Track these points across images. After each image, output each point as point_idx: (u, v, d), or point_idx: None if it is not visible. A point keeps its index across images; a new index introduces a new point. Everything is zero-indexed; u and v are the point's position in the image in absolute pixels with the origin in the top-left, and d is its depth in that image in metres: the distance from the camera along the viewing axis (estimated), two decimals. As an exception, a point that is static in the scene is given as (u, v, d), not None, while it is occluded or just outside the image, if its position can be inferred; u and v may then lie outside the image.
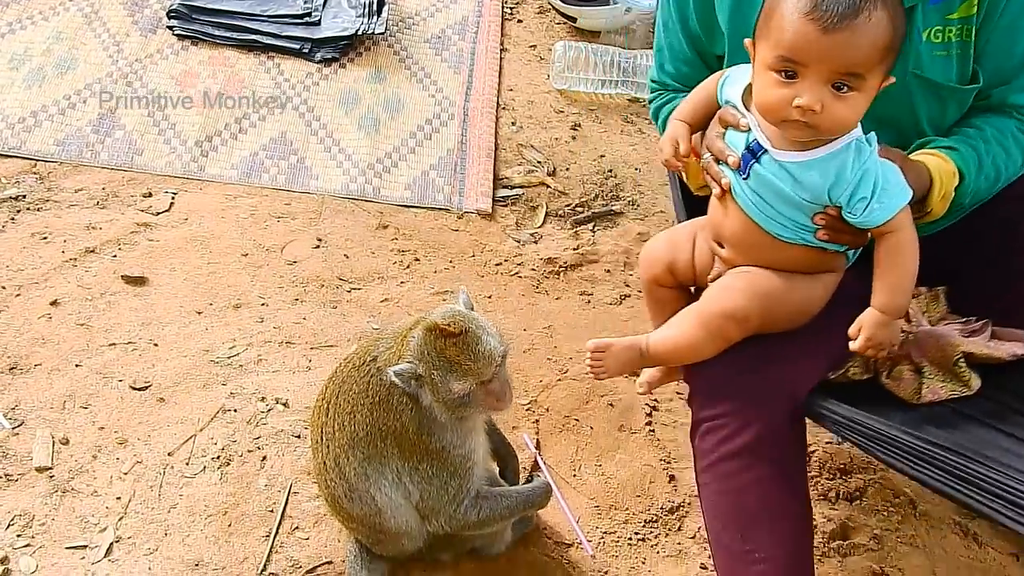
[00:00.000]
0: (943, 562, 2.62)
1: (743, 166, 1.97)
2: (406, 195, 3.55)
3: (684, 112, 2.15)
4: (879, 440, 1.95)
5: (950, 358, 2.05)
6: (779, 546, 2.07)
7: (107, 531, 2.46)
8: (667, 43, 2.38)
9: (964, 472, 1.83)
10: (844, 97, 1.81)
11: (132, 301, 3.02)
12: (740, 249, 2.07)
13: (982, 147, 2.08)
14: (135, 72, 3.83)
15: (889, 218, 1.90)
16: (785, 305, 2.04)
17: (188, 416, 2.73)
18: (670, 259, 2.23)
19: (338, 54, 4.02)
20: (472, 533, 2.35)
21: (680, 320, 2.09)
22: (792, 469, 2.10)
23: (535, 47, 4.34)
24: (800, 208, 1.95)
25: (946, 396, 2.04)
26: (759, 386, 2.03)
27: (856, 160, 1.89)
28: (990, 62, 2.09)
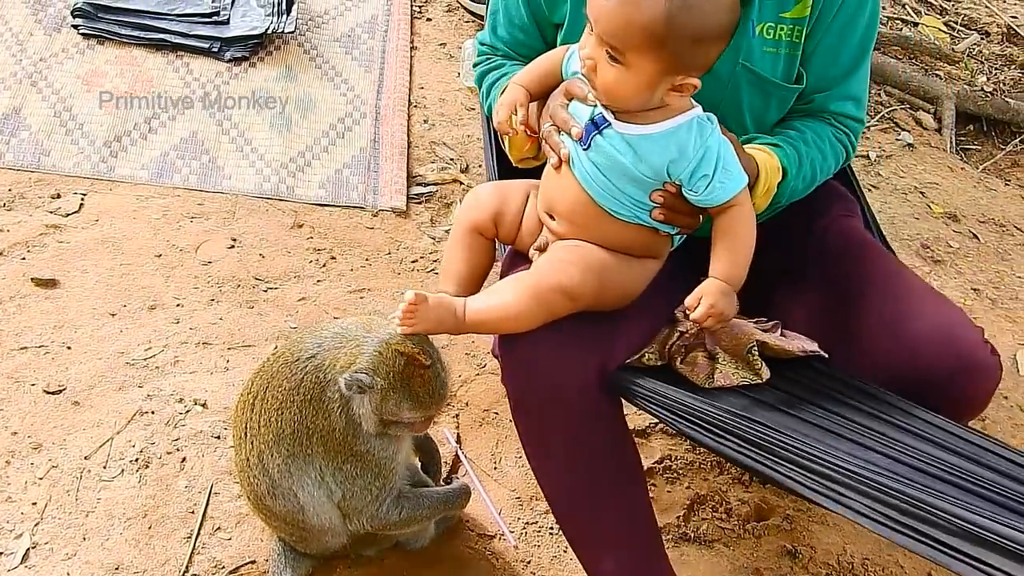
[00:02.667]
0: (853, 538, 2.72)
1: (585, 137, 1.96)
2: (320, 194, 3.55)
3: (525, 79, 2.12)
4: (680, 411, 1.96)
5: (744, 346, 2.07)
6: (618, 523, 2.15)
7: (23, 537, 2.43)
8: (503, 6, 2.34)
9: (762, 439, 1.85)
10: (613, 66, 1.84)
11: (43, 304, 2.98)
12: (571, 223, 2.04)
13: (802, 148, 2.15)
14: (39, 72, 3.76)
15: (729, 198, 1.94)
16: (614, 285, 2.03)
17: (104, 419, 2.70)
18: (498, 209, 2.18)
19: (248, 53, 3.99)
20: (392, 532, 2.37)
21: (504, 289, 2.01)
22: (612, 441, 2.14)
23: (445, 45, 4.36)
24: (638, 183, 1.96)
25: (737, 382, 2.04)
26: (572, 363, 2.01)
27: (699, 136, 1.91)
28: (816, 67, 2.16)
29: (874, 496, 1.70)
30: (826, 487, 1.76)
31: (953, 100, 4.63)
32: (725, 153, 1.93)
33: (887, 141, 4.45)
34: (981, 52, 5.12)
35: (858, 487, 1.72)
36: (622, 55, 1.82)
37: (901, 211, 4.04)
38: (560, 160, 2.01)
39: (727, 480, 2.81)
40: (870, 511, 1.70)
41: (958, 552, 1.59)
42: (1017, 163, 4.55)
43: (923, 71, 4.88)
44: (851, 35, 2.15)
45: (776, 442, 1.83)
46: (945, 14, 5.38)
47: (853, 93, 2.23)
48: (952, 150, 4.50)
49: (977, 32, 5.26)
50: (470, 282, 2.19)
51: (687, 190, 1.94)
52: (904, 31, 5.12)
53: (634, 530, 2.22)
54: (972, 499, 1.73)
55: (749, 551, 2.65)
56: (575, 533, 2.28)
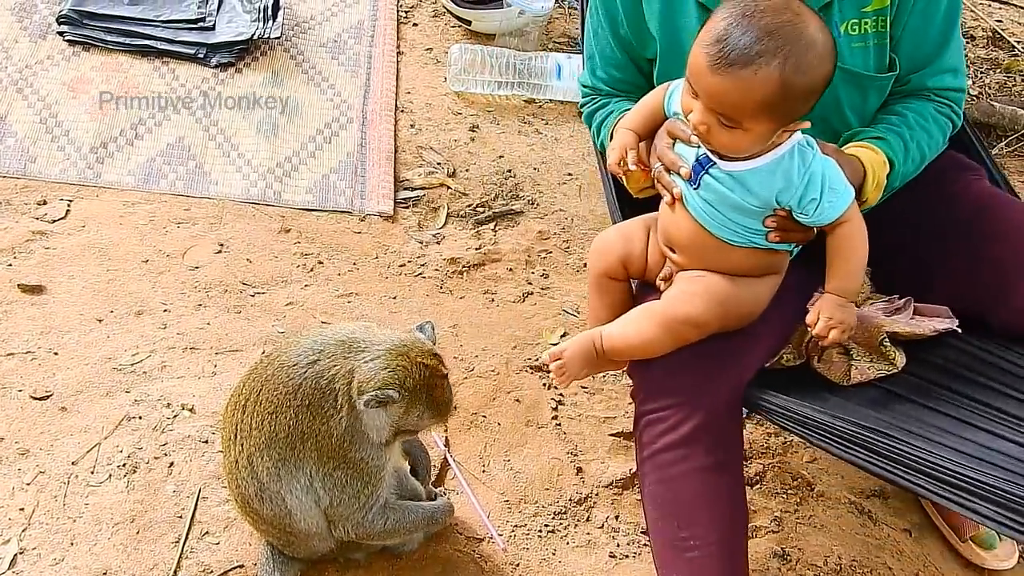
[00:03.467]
0: (841, 540, 2.72)
1: (694, 177, 2.04)
2: (307, 199, 3.55)
3: (632, 122, 2.21)
4: (812, 426, 2.05)
5: (876, 338, 2.15)
6: (713, 533, 2.14)
7: (10, 543, 2.42)
8: (598, 49, 2.43)
9: (892, 452, 1.93)
10: (729, 130, 1.91)
11: (29, 310, 2.97)
12: (691, 254, 2.13)
13: (906, 133, 2.19)
14: (25, 78, 3.76)
15: (839, 215, 2.00)
16: (737, 309, 2.12)
17: (92, 424, 2.70)
18: (624, 252, 2.27)
19: (234, 59, 3.98)
20: (374, 542, 2.37)
21: (638, 319, 2.13)
22: (729, 460, 2.17)
23: (431, 50, 4.36)
24: (749, 214, 2.03)
25: (874, 376, 2.14)
26: (700, 380, 2.11)
27: (801, 163, 1.97)
28: (906, 49, 2.21)
29: (1001, 503, 1.78)
30: (955, 495, 1.85)
31: (938, 103, 4.64)
32: (830, 173, 1.99)
33: (873, 144, 4.46)
34: (966, 56, 5.14)
35: (983, 494, 1.81)
36: (737, 123, 1.89)
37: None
38: (674, 199, 2.10)
39: (715, 482, 2.81)
40: (999, 516, 1.79)
41: None
42: (1003, 166, 4.56)
43: (909, 75, 4.89)
44: (935, 11, 2.19)
45: (902, 453, 1.92)
46: (930, 18, 5.39)
47: (948, 65, 2.27)
48: (938, 153, 4.51)
49: (963, 36, 5.28)
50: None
51: (797, 213, 2.01)
52: (889, 35, 5.13)
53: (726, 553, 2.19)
54: None
55: (738, 552, 2.65)
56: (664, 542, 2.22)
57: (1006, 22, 5.29)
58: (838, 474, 2.87)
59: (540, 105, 4.13)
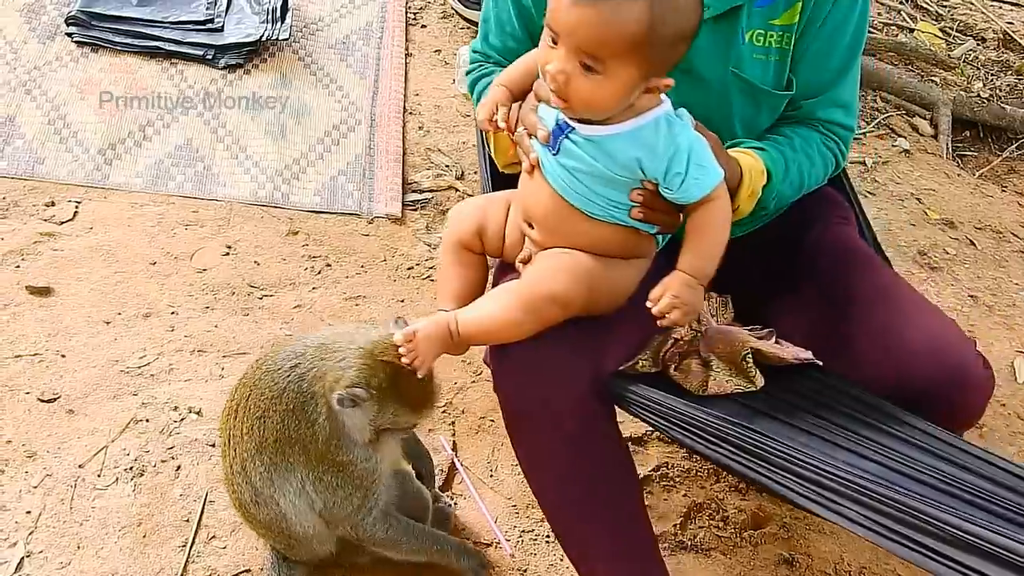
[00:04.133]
0: (850, 546, 2.71)
1: (553, 140, 1.92)
2: (315, 201, 3.54)
3: (507, 78, 2.08)
4: (674, 419, 1.95)
5: (738, 353, 2.06)
6: (614, 533, 2.15)
7: (17, 546, 2.42)
8: (495, 14, 2.32)
9: (756, 446, 1.83)
10: (589, 77, 1.79)
11: (37, 312, 2.97)
12: (550, 229, 2.01)
13: (789, 153, 2.14)
14: (34, 80, 3.76)
15: (705, 194, 1.90)
16: (603, 289, 2.00)
17: (99, 427, 2.69)
18: (480, 223, 2.15)
19: (242, 60, 3.98)
20: (379, 550, 2.36)
21: (496, 300, 2.01)
22: (607, 449, 2.12)
23: (440, 52, 4.36)
24: (612, 184, 1.92)
25: (731, 390, 2.04)
26: (565, 370, 2.00)
27: (668, 134, 1.87)
28: (805, 73, 2.16)
29: (868, 504, 1.69)
30: (820, 494, 1.75)
31: (949, 106, 4.63)
32: (698, 149, 1.89)
33: (883, 147, 4.45)
34: (977, 58, 5.13)
35: (852, 495, 1.71)
36: (601, 64, 1.77)
37: (898, 217, 4.04)
38: (531, 164, 1.99)
39: (724, 488, 2.80)
40: (864, 519, 1.69)
41: (951, 560, 1.58)
42: (1014, 169, 4.54)
43: (919, 77, 4.88)
44: (839, 41, 2.15)
45: (770, 449, 1.82)
46: (941, 20, 5.38)
47: (842, 100, 2.23)
48: (948, 156, 4.50)
49: (973, 38, 5.26)
50: (466, 297, 2.14)
51: (663, 187, 1.91)
52: (900, 37, 5.12)
53: (630, 540, 2.21)
54: (966, 508, 1.72)
55: (746, 559, 2.64)
56: (570, 543, 2.27)
57: (1017, 24, 5.27)
58: (847, 480, 2.86)
59: (549, 107, 4.11)
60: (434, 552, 2.37)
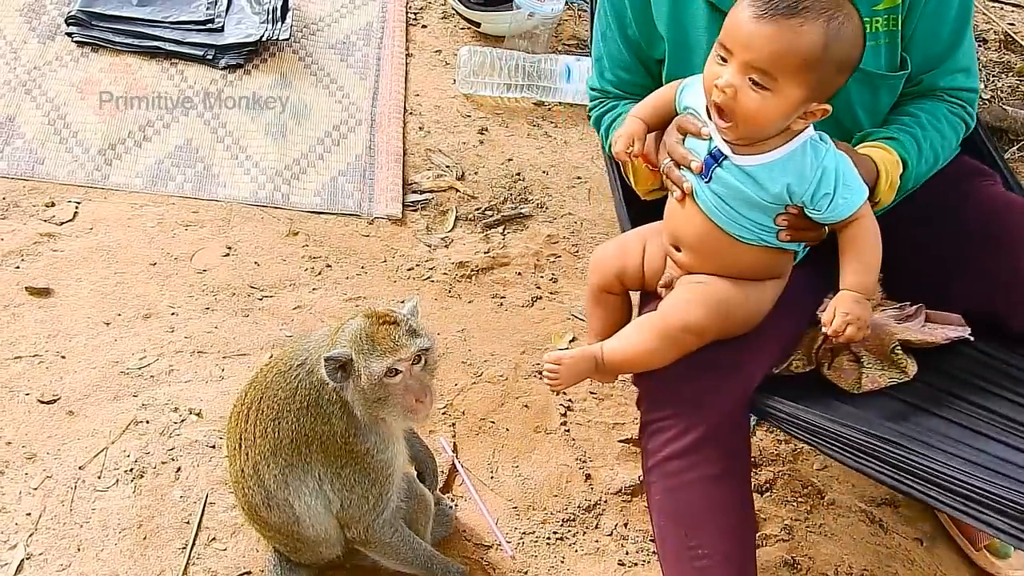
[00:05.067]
0: (852, 549, 2.71)
1: (706, 170, 2.02)
2: (316, 201, 3.54)
3: (642, 111, 2.18)
4: (822, 435, 2.03)
5: (887, 346, 2.14)
6: (722, 542, 2.14)
7: (17, 548, 2.42)
8: (606, 51, 2.42)
9: (903, 462, 1.91)
10: (758, 92, 1.87)
11: (37, 313, 2.96)
12: (698, 252, 2.11)
13: (919, 133, 2.18)
14: (33, 80, 3.75)
15: (853, 212, 1.98)
16: (738, 315, 2.10)
17: (99, 429, 2.69)
18: (620, 266, 2.27)
19: (242, 60, 3.97)
20: (376, 556, 2.35)
21: (636, 331, 2.13)
22: (736, 467, 2.16)
23: (440, 52, 4.35)
24: (762, 209, 2.01)
25: (885, 384, 2.12)
26: (705, 387, 2.09)
27: (813, 158, 1.96)
28: (917, 49, 2.20)
29: (1010, 515, 1.77)
30: (965, 505, 1.84)
31: (950, 107, 4.61)
32: (843, 169, 1.97)
33: (884, 148, 4.44)
34: (979, 59, 5.12)
35: (994, 506, 1.79)
36: (772, 81, 1.86)
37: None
38: (683, 194, 2.08)
39: (725, 489, 2.80)
40: (1011, 528, 1.78)
41: None
42: (1015, 171, 4.53)
43: (920, 78, 4.87)
44: (946, 10, 2.18)
45: (914, 463, 1.90)
46: (941, 21, 5.37)
47: (961, 65, 2.26)
48: (949, 157, 4.49)
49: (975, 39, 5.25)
50: (615, 331, 2.24)
51: (810, 210, 1.99)
52: (900, 38, 5.10)
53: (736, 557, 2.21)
54: None
55: (748, 561, 2.64)
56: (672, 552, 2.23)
57: (1019, 25, 5.26)
58: (849, 482, 2.85)
59: (549, 108, 4.12)
60: (424, 566, 2.37)
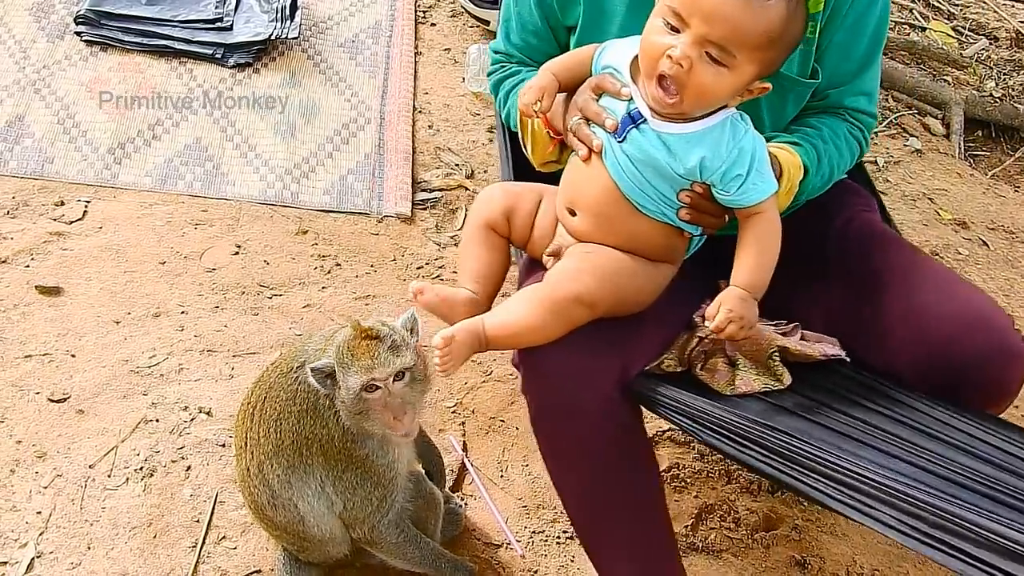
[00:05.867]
0: (863, 549, 2.69)
1: (620, 130, 1.95)
2: (325, 200, 3.53)
3: (555, 67, 2.09)
4: (701, 420, 1.94)
5: (764, 351, 2.07)
6: (628, 527, 2.14)
7: (28, 546, 2.41)
8: (516, 12, 2.35)
9: (785, 449, 1.82)
10: (713, 67, 1.83)
11: (47, 312, 2.96)
12: (595, 216, 2.02)
13: (820, 145, 2.16)
14: (43, 79, 3.75)
15: (761, 200, 1.94)
16: (629, 291, 2.02)
17: (109, 427, 2.69)
18: (510, 206, 2.16)
19: (251, 59, 3.98)
20: (383, 556, 2.35)
21: (521, 303, 1.99)
22: (632, 450, 2.12)
23: (449, 50, 4.35)
24: (669, 180, 1.95)
25: (759, 389, 2.03)
26: (591, 372, 2.00)
27: (732, 136, 1.91)
28: (830, 62, 2.17)
29: (900, 507, 1.68)
30: (851, 498, 1.74)
31: (961, 105, 4.61)
32: (760, 154, 1.93)
33: (895, 147, 4.43)
34: (990, 57, 5.11)
35: (884, 498, 1.70)
36: (731, 57, 1.82)
37: (909, 217, 4.02)
38: (590, 151, 2.00)
39: (735, 489, 2.79)
40: (897, 522, 1.68)
41: (986, 564, 1.56)
42: None
43: (931, 76, 4.86)
44: (863, 30, 2.16)
45: (800, 451, 1.81)
46: (953, 19, 5.36)
47: (866, 88, 2.25)
48: (961, 156, 4.48)
49: (985, 37, 5.24)
50: (488, 280, 2.16)
51: (718, 190, 1.94)
52: (912, 36, 5.10)
53: (651, 540, 2.21)
54: (1001, 509, 1.70)
55: (757, 561, 2.63)
56: (592, 543, 2.26)
57: (1030, 23, 5.25)
58: (860, 481, 2.84)
59: (559, 106, 4.10)
60: (432, 565, 2.36)
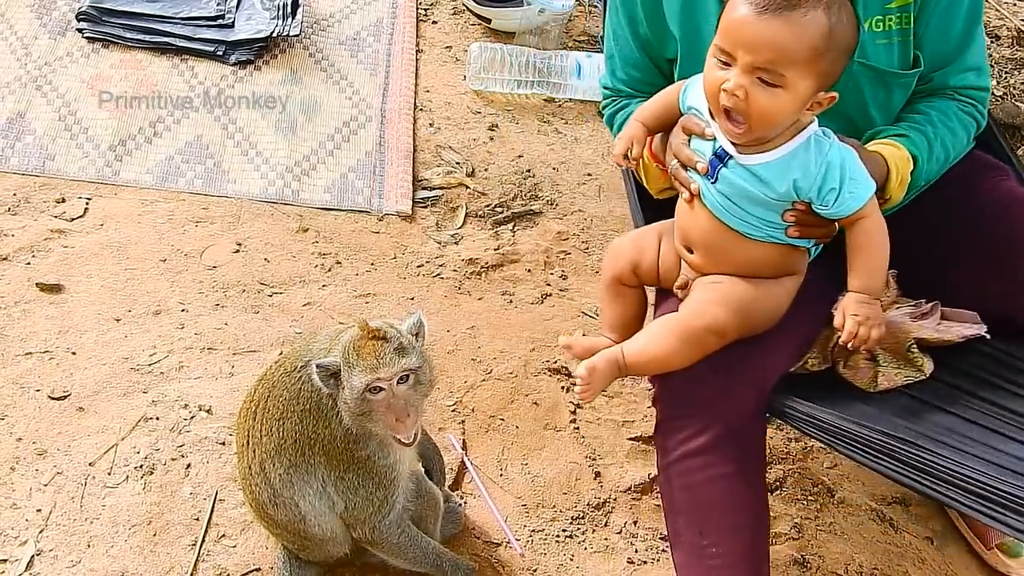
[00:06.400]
0: (862, 548, 2.70)
1: (711, 171, 2.02)
2: (325, 198, 3.54)
3: (643, 115, 2.19)
4: (838, 435, 2.03)
5: (903, 344, 2.12)
6: (735, 542, 2.13)
7: (27, 544, 2.42)
8: (618, 50, 2.43)
9: (919, 462, 1.91)
10: (768, 90, 1.86)
11: (48, 309, 2.96)
12: (709, 252, 2.11)
13: (930, 131, 2.17)
14: (44, 76, 3.76)
15: (861, 206, 1.97)
16: (758, 313, 2.10)
17: (109, 425, 2.69)
18: (635, 258, 2.25)
19: (253, 56, 3.98)
20: (383, 555, 2.35)
21: (657, 333, 2.11)
22: (751, 467, 2.16)
23: (450, 48, 4.34)
24: (769, 207, 2.01)
25: (901, 382, 2.11)
26: (723, 387, 2.09)
27: (817, 153, 1.95)
28: (929, 47, 2.19)
29: None
30: (984, 506, 1.83)
31: (962, 104, 4.60)
32: (849, 163, 1.96)
33: (895, 145, 4.43)
34: (991, 56, 5.10)
35: (1017, 507, 1.78)
36: (781, 77, 1.85)
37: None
38: (691, 194, 2.08)
39: (735, 488, 2.79)
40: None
41: None
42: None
43: (932, 74, 4.85)
44: (958, 8, 2.18)
45: (930, 463, 1.90)
46: (953, 17, 5.35)
47: (971, 63, 2.25)
48: (961, 154, 4.47)
49: (987, 36, 5.23)
50: (627, 327, 2.28)
51: (817, 206, 1.98)
52: (912, 34, 5.09)
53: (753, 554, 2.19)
54: None
55: (757, 559, 2.63)
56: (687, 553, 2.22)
57: (1031, 21, 5.23)
58: (859, 481, 2.85)
59: (560, 104, 4.11)
60: (432, 564, 2.36)
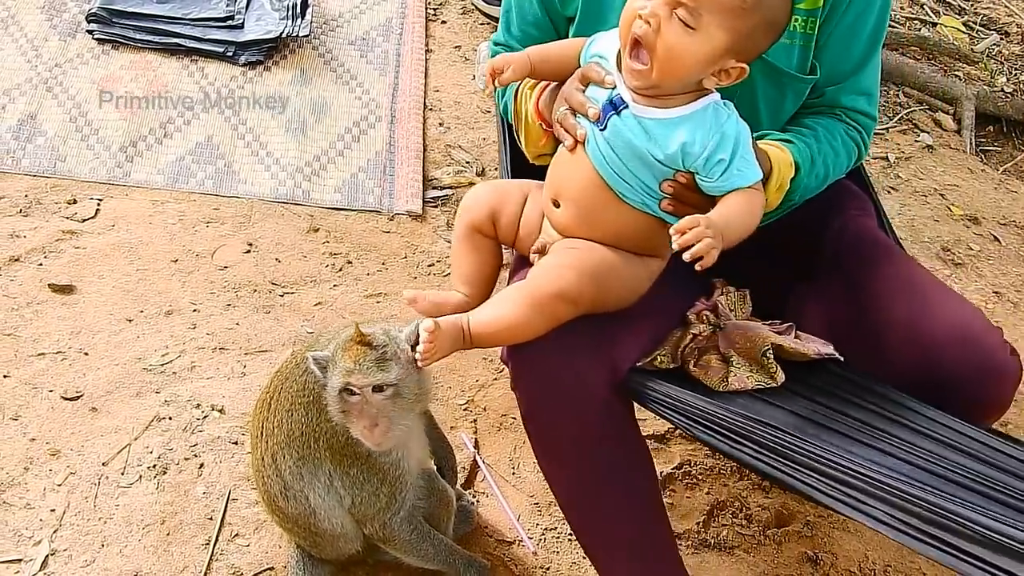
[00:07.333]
0: (874, 544, 2.70)
1: (602, 118, 1.93)
2: (336, 198, 3.54)
3: (534, 52, 2.07)
4: (696, 417, 1.92)
5: (758, 348, 2.04)
6: (628, 524, 2.13)
7: (42, 544, 2.42)
8: (516, 3, 2.34)
9: (778, 444, 1.80)
10: (683, 29, 1.79)
11: (60, 310, 2.97)
12: (578, 208, 2.00)
13: (814, 145, 2.14)
14: (55, 77, 3.77)
15: (747, 186, 1.89)
16: (613, 286, 1.99)
17: (122, 425, 2.70)
18: (496, 207, 2.15)
19: (262, 57, 3.98)
20: (396, 553, 2.35)
21: (505, 300, 1.97)
22: (626, 446, 2.11)
23: (460, 48, 4.35)
24: (651, 168, 1.92)
25: (752, 386, 2.01)
26: (581, 369, 1.99)
27: (714, 121, 1.88)
28: (828, 59, 2.16)
29: (894, 503, 1.66)
30: (845, 494, 1.72)
31: (972, 101, 4.60)
32: (744, 139, 1.89)
33: (906, 143, 4.42)
34: (1001, 52, 5.09)
35: (878, 494, 1.68)
36: (699, 19, 1.78)
37: (921, 213, 4.01)
38: (575, 141, 1.98)
39: (747, 486, 2.79)
40: (890, 518, 1.67)
41: (980, 560, 1.55)
42: (1037, 165, 4.52)
43: (942, 72, 4.85)
44: (862, 28, 2.15)
45: (793, 447, 1.79)
46: (964, 14, 5.35)
47: (864, 87, 2.23)
48: (972, 151, 4.47)
49: (996, 32, 5.23)
50: (480, 281, 2.16)
51: (702, 177, 1.90)
52: (923, 31, 5.09)
53: (649, 538, 2.20)
54: (994, 505, 1.70)
55: (770, 558, 2.63)
56: (589, 540, 2.26)
57: (1041, 18, 5.23)
58: (872, 478, 2.84)
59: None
60: (445, 562, 2.36)
